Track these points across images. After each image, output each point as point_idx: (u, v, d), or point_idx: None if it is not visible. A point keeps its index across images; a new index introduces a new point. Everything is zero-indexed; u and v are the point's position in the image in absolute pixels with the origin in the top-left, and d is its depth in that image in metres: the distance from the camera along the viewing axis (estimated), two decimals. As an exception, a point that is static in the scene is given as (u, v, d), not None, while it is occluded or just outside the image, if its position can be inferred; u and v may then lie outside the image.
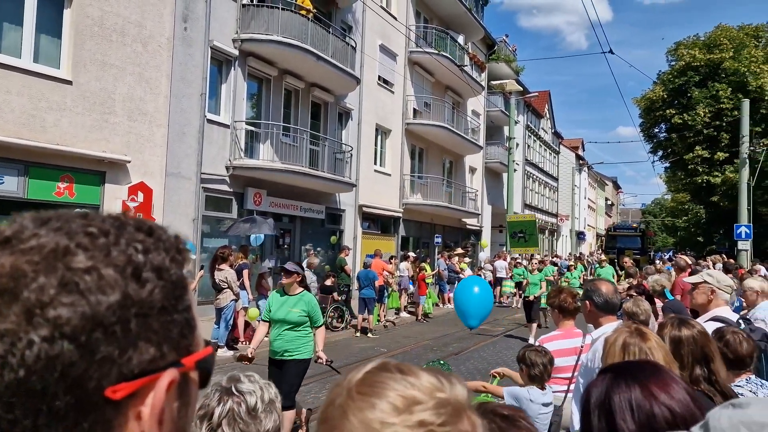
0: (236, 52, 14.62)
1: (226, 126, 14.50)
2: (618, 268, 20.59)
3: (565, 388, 4.06)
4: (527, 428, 1.29)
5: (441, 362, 6.44)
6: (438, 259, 21.46)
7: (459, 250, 22.80)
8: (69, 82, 10.78)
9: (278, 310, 5.95)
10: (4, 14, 10.21)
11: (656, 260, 27.74)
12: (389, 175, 22.08)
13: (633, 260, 15.75)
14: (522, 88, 34.89)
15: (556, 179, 48.90)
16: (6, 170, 9.92)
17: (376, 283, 14.17)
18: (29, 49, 10.44)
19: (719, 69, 34.68)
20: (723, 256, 19.27)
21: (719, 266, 13.29)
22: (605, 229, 46.93)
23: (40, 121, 10.29)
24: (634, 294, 6.73)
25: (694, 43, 36.82)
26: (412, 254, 19.03)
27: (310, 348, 6.03)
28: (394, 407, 0.65)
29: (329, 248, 18.57)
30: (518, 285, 19.89)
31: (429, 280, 17.79)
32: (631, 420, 1.27)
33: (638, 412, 1.27)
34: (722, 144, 34.14)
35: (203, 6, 13.65)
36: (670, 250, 45.10)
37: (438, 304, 19.00)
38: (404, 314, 17.36)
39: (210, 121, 13.95)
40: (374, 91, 20.95)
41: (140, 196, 11.51)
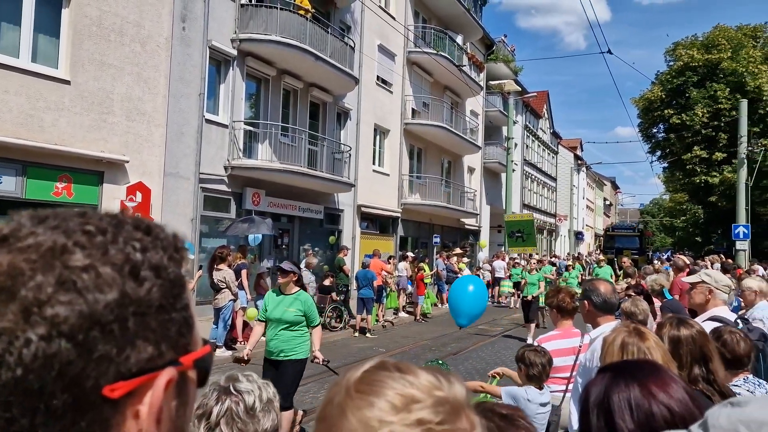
0: (235, 52, 14.61)
1: (225, 126, 14.50)
2: (617, 268, 20.59)
3: (563, 388, 4.06)
4: (526, 427, 1.29)
5: (440, 362, 6.44)
6: (436, 259, 21.47)
7: (457, 250, 22.79)
8: (67, 82, 10.77)
9: (274, 309, 5.91)
10: (2, 14, 10.19)
11: (654, 260, 27.80)
12: (388, 175, 22.07)
13: (631, 260, 15.77)
14: (520, 88, 34.92)
15: (554, 179, 48.94)
16: (4, 170, 9.91)
17: (375, 283, 14.16)
18: (27, 49, 10.43)
19: (717, 69, 34.72)
20: (721, 256, 19.30)
21: (717, 266, 13.30)
22: (603, 229, 46.96)
23: (38, 121, 10.28)
24: (633, 294, 6.74)
25: (692, 43, 36.86)
26: (410, 254, 19.05)
27: (307, 348, 5.99)
28: (392, 406, 0.65)
29: (328, 248, 18.57)
30: (516, 285, 19.90)
31: (427, 280, 17.80)
32: (630, 419, 1.27)
33: (637, 411, 1.27)
34: (720, 144, 34.18)
35: (202, 6, 13.64)
36: (669, 250, 45.20)
37: (436, 304, 19.00)
38: (403, 314, 17.36)
39: (208, 121, 13.94)
40: (373, 91, 20.94)
41: (138, 196, 11.51)
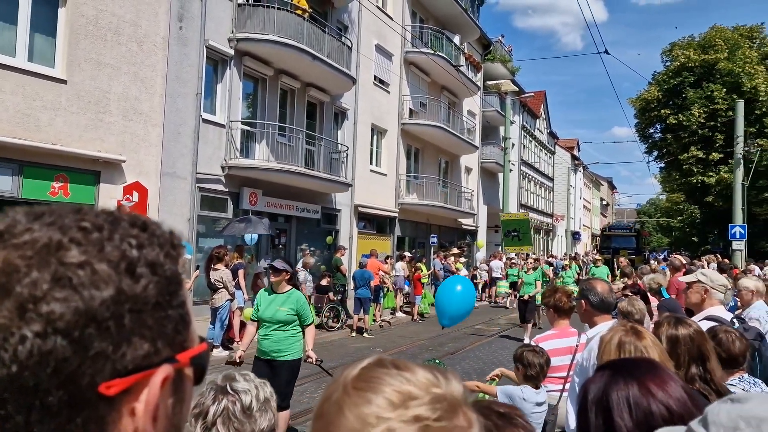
0: (232, 52, 14.59)
1: (222, 126, 14.47)
2: (615, 267, 20.60)
3: (560, 387, 4.06)
4: (523, 426, 1.29)
5: (437, 361, 6.44)
6: (434, 259, 21.48)
7: (455, 250, 22.80)
8: (64, 82, 10.74)
9: (266, 309, 5.82)
10: (-1, 13, 10.17)
11: (651, 260, 27.85)
12: (385, 175, 22.07)
13: (628, 260, 15.80)
14: (518, 89, 34.95)
15: (551, 179, 49.01)
16: (0, 170, 9.89)
17: (372, 283, 14.16)
18: (24, 48, 10.39)
19: (714, 70, 34.83)
20: (717, 256, 19.35)
21: (713, 266, 13.34)
22: (600, 229, 47.05)
23: (34, 121, 10.25)
24: (629, 294, 6.76)
25: (689, 43, 36.97)
26: (407, 254, 19.05)
27: (300, 347, 5.90)
28: (389, 402, 0.65)
29: (325, 248, 18.56)
30: (513, 285, 19.92)
31: (425, 280, 17.80)
32: (628, 417, 1.27)
33: (636, 410, 1.27)
34: (717, 144, 34.27)
35: (199, 5, 13.61)
36: (665, 250, 45.28)
37: (434, 304, 18.98)
38: (400, 314, 17.36)
39: (205, 121, 13.92)
40: (370, 91, 20.94)
41: (135, 196, 11.49)
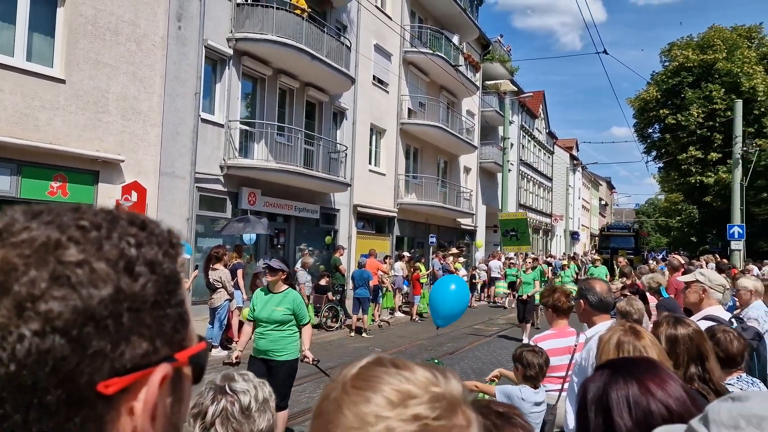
0: (230, 52, 14.58)
1: (221, 125, 14.46)
2: (615, 266, 20.59)
3: (559, 387, 4.06)
4: (522, 425, 1.29)
5: (436, 361, 6.44)
6: (432, 258, 21.48)
7: (453, 250, 22.78)
8: (62, 81, 10.73)
9: (262, 309, 5.76)
10: (-3, 12, 10.16)
11: (650, 260, 27.88)
12: (384, 174, 22.07)
13: (627, 260, 15.81)
14: (516, 89, 34.97)
15: (550, 179, 49.04)
16: (-2, 169, 9.89)
17: (371, 283, 14.16)
18: (22, 48, 10.38)
19: (712, 70, 34.87)
20: (716, 255, 19.37)
21: (712, 266, 13.35)
22: (599, 229, 47.08)
23: (33, 120, 10.24)
24: (628, 293, 6.77)
25: (688, 44, 37.00)
26: (406, 254, 19.04)
27: (296, 348, 5.85)
28: (388, 401, 0.65)
29: (324, 248, 18.55)
30: (511, 285, 19.92)
31: (423, 280, 17.80)
32: (628, 416, 1.27)
33: (635, 409, 1.27)
34: (715, 144, 34.31)
35: (197, 5, 13.60)
36: (664, 250, 45.30)
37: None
38: (399, 314, 17.37)
39: (204, 121, 13.90)
40: (369, 90, 20.93)
41: (134, 196, 11.49)
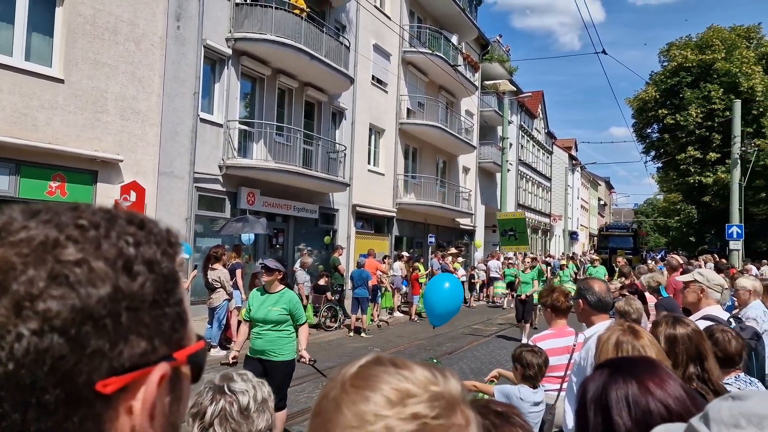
0: (229, 51, 14.57)
1: (219, 125, 14.46)
2: (614, 266, 20.59)
3: (557, 387, 4.07)
4: (521, 425, 1.29)
5: (435, 361, 6.44)
6: (431, 258, 21.47)
7: (452, 250, 22.78)
8: (61, 81, 10.72)
9: (258, 309, 5.73)
10: (-5, 12, 10.15)
11: (648, 260, 27.89)
12: (383, 174, 22.07)
13: (625, 260, 15.81)
14: (515, 89, 34.97)
15: (549, 179, 49.05)
16: (-3, 169, 9.88)
17: (370, 283, 14.16)
18: (21, 48, 10.37)
19: (711, 70, 34.89)
20: (715, 255, 19.40)
21: (710, 266, 13.35)
22: (598, 229, 47.09)
23: (31, 120, 10.23)
24: (627, 293, 6.78)
25: (686, 44, 37.02)
26: (405, 254, 19.04)
27: (293, 348, 5.82)
28: (388, 400, 0.65)
29: (323, 248, 18.55)
30: (510, 285, 19.92)
31: (422, 280, 17.78)
32: (627, 416, 1.27)
33: (635, 408, 1.28)
34: (714, 144, 34.34)
35: (196, 5, 13.60)
36: (662, 250, 45.31)
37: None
38: (398, 314, 17.37)
39: (203, 120, 13.90)
40: (368, 90, 20.93)
41: (133, 196, 11.48)
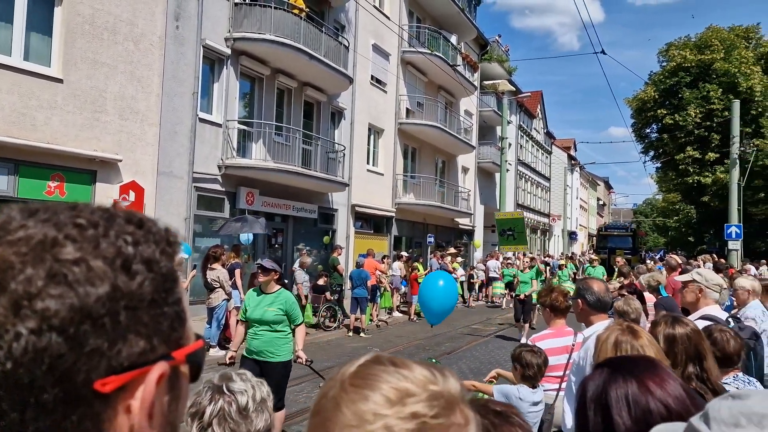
0: (228, 51, 14.57)
1: (219, 125, 14.45)
2: (613, 266, 20.58)
3: (556, 387, 4.07)
4: (520, 424, 1.29)
5: (434, 360, 6.43)
6: (430, 258, 21.48)
7: (451, 250, 22.78)
8: (60, 81, 10.71)
9: (254, 309, 5.71)
10: (-6, 12, 10.14)
11: (647, 260, 27.90)
12: (382, 174, 22.07)
13: (625, 260, 15.81)
14: (514, 88, 34.97)
15: (548, 179, 49.06)
16: (-4, 169, 9.87)
17: (369, 283, 14.16)
18: (19, 47, 10.36)
19: (710, 70, 34.90)
20: (713, 255, 19.40)
21: (709, 266, 13.36)
22: (597, 229, 47.10)
23: (30, 120, 10.22)
24: (625, 293, 6.78)
25: (685, 44, 37.03)
26: (404, 254, 19.04)
27: (290, 348, 5.80)
28: (387, 399, 0.65)
29: (322, 248, 18.54)
30: (508, 285, 19.93)
31: (421, 280, 17.76)
32: (627, 415, 1.27)
33: (634, 407, 1.28)
34: (713, 144, 34.35)
35: (195, 4, 13.59)
36: (661, 250, 45.33)
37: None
38: (397, 314, 17.37)
39: (202, 120, 13.89)
40: (367, 90, 20.93)
41: (132, 195, 11.47)
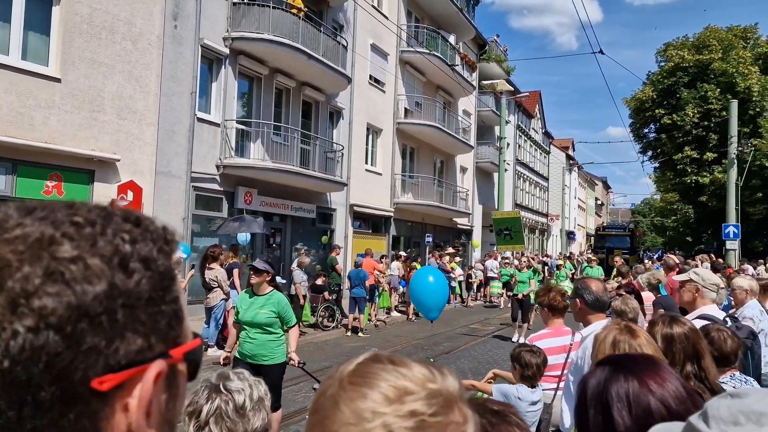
0: (227, 51, 14.56)
1: (217, 125, 14.44)
2: (611, 265, 20.57)
3: (554, 386, 4.07)
4: (518, 424, 1.29)
5: (432, 360, 6.42)
6: (429, 258, 21.48)
7: (450, 250, 22.82)
8: (58, 80, 10.69)
9: (246, 312, 5.62)
10: (-8, 11, 10.12)
11: (645, 259, 27.94)
12: (380, 174, 22.07)
13: (623, 260, 15.81)
14: (513, 88, 34.99)
15: (546, 179, 49.09)
16: (-7, 168, 9.86)
17: (367, 283, 14.16)
18: (17, 47, 10.34)
19: (708, 70, 34.93)
20: (711, 255, 19.41)
21: (707, 265, 13.37)
22: (595, 229, 47.13)
23: (28, 119, 10.20)
24: (623, 293, 6.79)
25: (683, 44, 37.06)
26: (403, 254, 19.05)
27: (283, 351, 5.72)
28: (385, 397, 0.65)
29: (320, 247, 18.54)
30: (506, 285, 19.94)
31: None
32: (627, 414, 1.27)
33: (635, 406, 1.28)
34: (711, 144, 34.38)
35: (194, 4, 13.58)
36: (659, 250, 45.42)
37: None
38: (395, 313, 17.37)
39: (200, 120, 13.88)
40: (365, 90, 20.93)
41: (130, 195, 11.45)
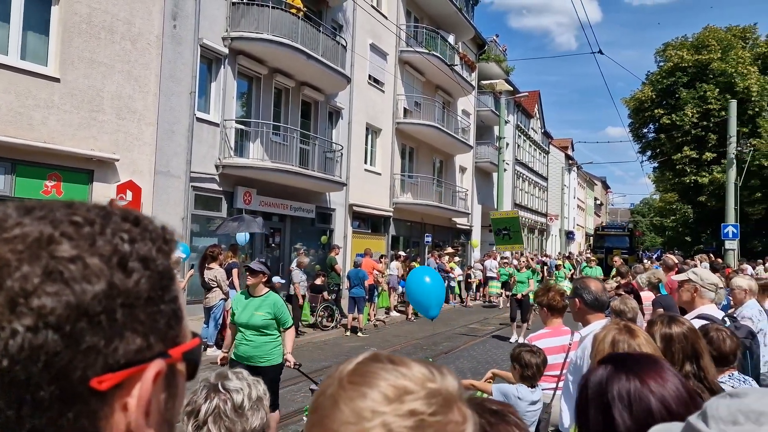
0: (226, 51, 14.56)
1: (216, 124, 14.44)
2: (610, 265, 20.57)
3: (553, 386, 4.08)
4: (516, 423, 1.29)
5: (431, 359, 6.42)
6: (428, 258, 21.48)
7: (449, 250, 22.82)
8: (57, 80, 10.69)
9: (241, 313, 5.59)
10: (-9, 10, 10.12)
11: (644, 259, 27.96)
12: (379, 174, 22.07)
13: (622, 260, 15.82)
14: (512, 88, 34.99)
15: (545, 179, 49.11)
16: (-8, 168, 9.86)
17: (366, 282, 14.16)
18: (16, 46, 10.34)
19: (707, 70, 34.96)
20: (710, 255, 19.43)
21: (705, 265, 13.38)
22: (594, 229, 47.14)
23: (27, 119, 10.20)
24: (622, 293, 6.80)
25: (682, 44, 37.09)
26: (402, 253, 19.05)
27: (280, 352, 5.68)
28: (385, 396, 0.65)
29: (319, 247, 18.54)
30: (504, 285, 19.94)
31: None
32: (627, 413, 1.28)
33: (635, 405, 1.28)
34: (710, 144, 34.42)
35: (193, 4, 13.57)
36: (658, 250, 45.46)
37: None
38: (394, 313, 17.37)
39: (199, 120, 13.88)
40: (365, 90, 20.93)
41: (129, 195, 11.45)
